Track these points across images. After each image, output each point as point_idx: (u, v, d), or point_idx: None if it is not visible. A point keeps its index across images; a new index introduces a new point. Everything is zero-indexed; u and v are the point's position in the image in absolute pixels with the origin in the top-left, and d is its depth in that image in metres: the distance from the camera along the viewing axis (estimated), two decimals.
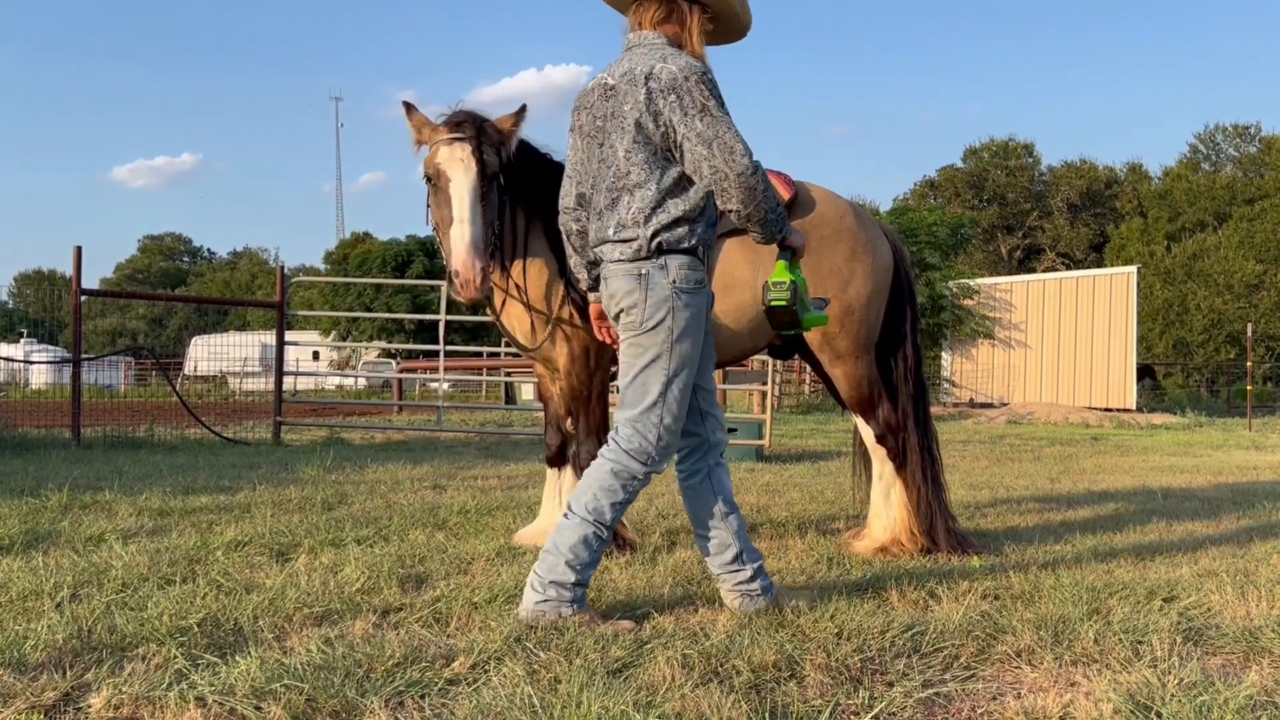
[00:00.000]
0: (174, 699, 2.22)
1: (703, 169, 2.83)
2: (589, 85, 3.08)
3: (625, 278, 2.90)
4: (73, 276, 9.23)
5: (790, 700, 2.29)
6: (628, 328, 2.92)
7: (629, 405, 2.93)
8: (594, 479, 2.93)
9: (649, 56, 2.91)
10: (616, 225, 2.92)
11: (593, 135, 3.03)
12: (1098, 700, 2.28)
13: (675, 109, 2.83)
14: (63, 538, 4.18)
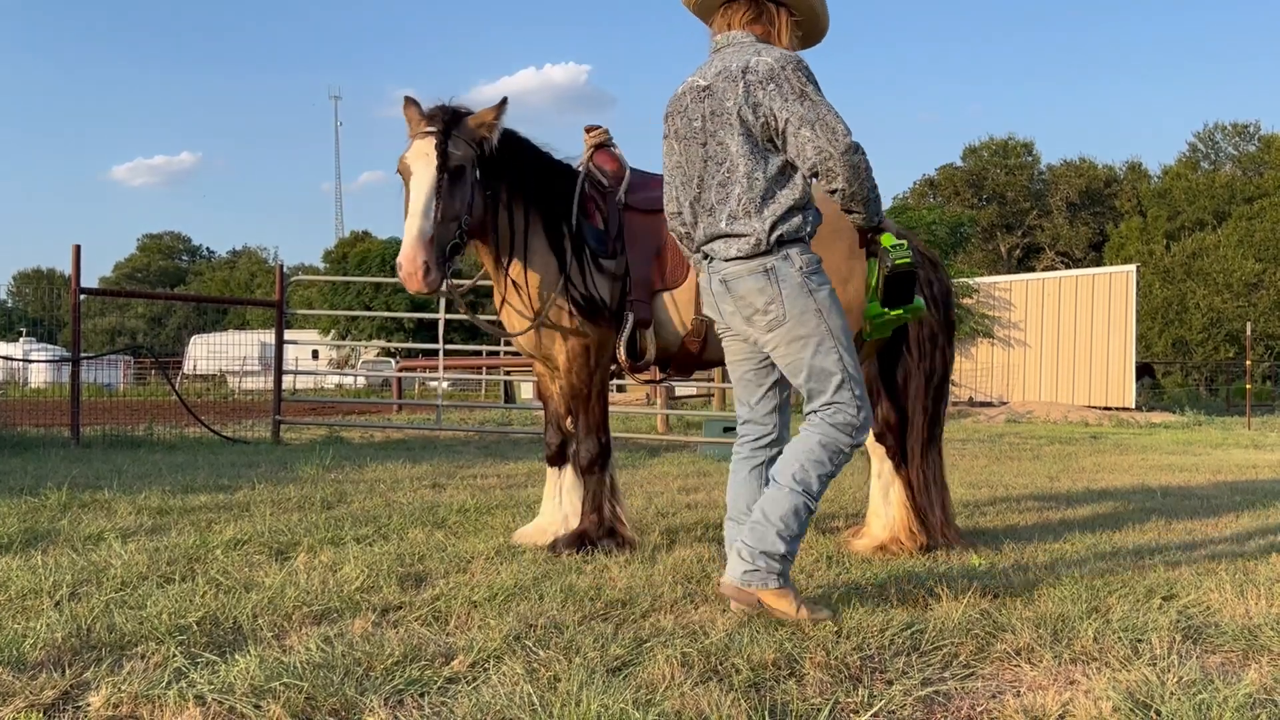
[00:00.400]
0: (173, 697, 2.22)
1: (806, 150, 2.85)
2: (679, 90, 3.12)
3: (753, 277, 2.92)
4: (71, 275, 9.23)
5: (790, 698, 2.29)
6: (772, 326, 2.93)
7: (819, 394, 2.95)
8: (801, 450, 2.93)
9: (742, 53, 2.96)
10: (728, 217, 2.94)
11: (690, 137, 3.05)
12: (1097, 698, 2.28)
13: (775, 96, 2.86)
14: (62, 536, 4.17)
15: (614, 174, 4.22)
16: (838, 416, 2.94)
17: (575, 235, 4.10)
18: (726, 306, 3.03)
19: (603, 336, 4.12)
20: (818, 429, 2.94)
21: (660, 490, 6.16)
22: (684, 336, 4.15)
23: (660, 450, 9.34)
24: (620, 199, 4.18)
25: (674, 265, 4.12)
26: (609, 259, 4.11)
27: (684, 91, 3.09)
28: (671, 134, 3.14)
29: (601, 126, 4.34)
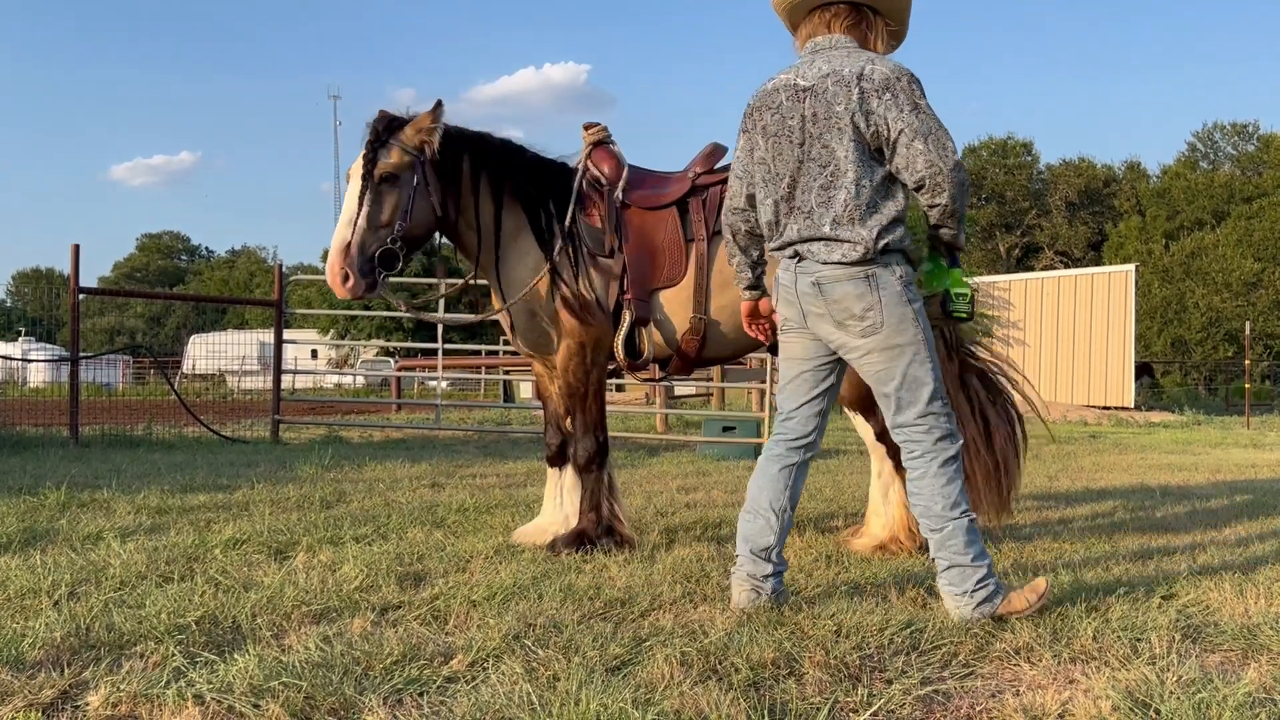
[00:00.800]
0: (172, 697, 2.22)
1: (917, 163, 2.87)
2: (771, 86, 3.10)
3: (853, 283, 2.92)
4: (70, 275, 9.22)
5: (789, 698, 2.29)
6: (868, 333, 2.94)
7: (908, 405, 2.98)
8: (932, 483, 2.96)
9: (853, 58, 2.96)
10: (832, 221, 2.93)
11: (784, 135, 3.03)
12: (1096, 698, 2.28)
13: (890, 106, 2.88)
14: (60, 536, 4.17)
15: (612, 172, 4.22)
16: (935, 432, 2.98)
17: (567, 232, 4.11)
18: (814, 308, 3.01)
19: (599, 335, 4.12)
20: (931, 454, 2.97)
21: (659, 490, 6.16)
22: (682, 335, 4.15)
23: (659, 450, 9.34)
24: (618, 197, 4.19)
25: (672, 263, 4.12)
26: (607, 258, 4.12)
27: (777, 88, 3.07)
28: (757, 129, 3.11)
29: (600, 124, 4.34)
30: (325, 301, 36.42)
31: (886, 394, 3.00)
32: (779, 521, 3.12)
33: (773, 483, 3.16)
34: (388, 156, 3.89)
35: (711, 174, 4.24)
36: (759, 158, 3.12)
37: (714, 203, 4.17)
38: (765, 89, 3.12)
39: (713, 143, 4.34)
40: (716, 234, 4.15)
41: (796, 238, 3.02)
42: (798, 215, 3.01)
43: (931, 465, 2.97)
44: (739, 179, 3.21)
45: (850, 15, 3.09)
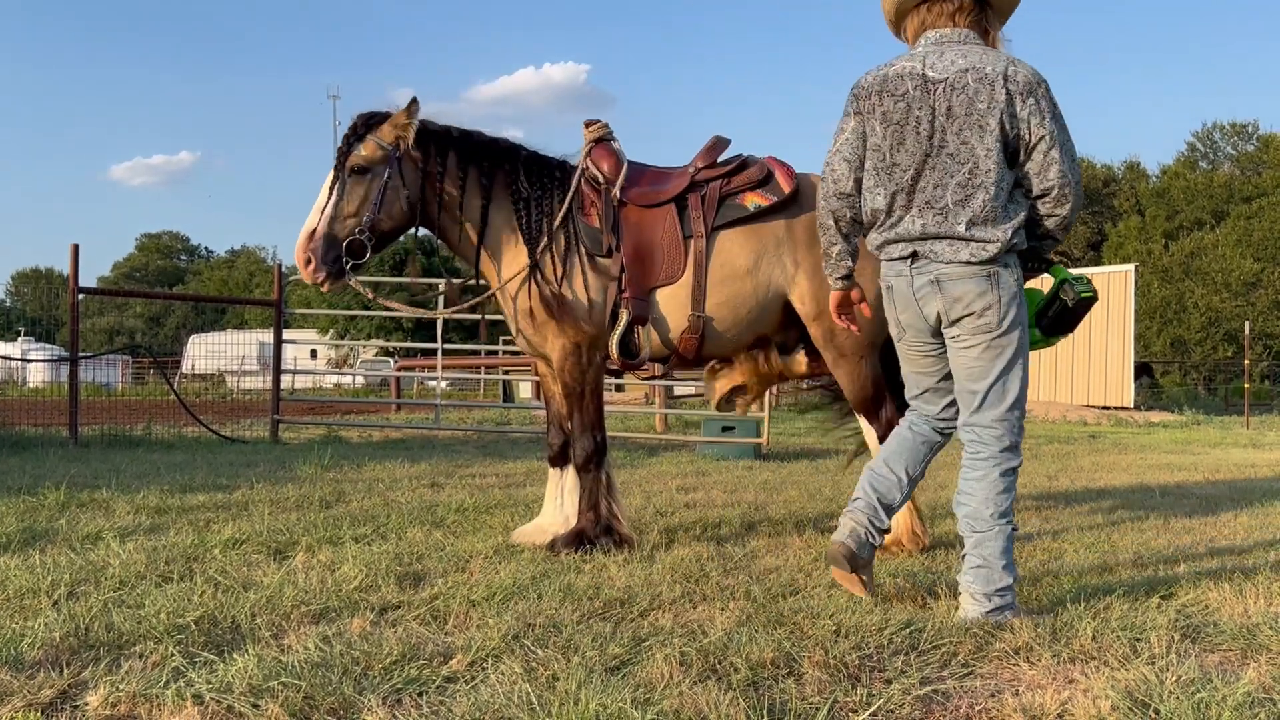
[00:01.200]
0: (171, 697, 2.22)
1: (1050, 171, 2.91)
2: (892, 72, 3.04)
3: (975, 280, 2.93)
4: (70, 275, 9.22)
5: (788, 697, 2.29)
6: (979, 330, 2.96)
7: (991, 406, 3.00)
8: (988, 488, 2.99)
9: (991, 56, 2.95)
10: (969, 221, 2.92)
11: (908, 125, 2.99)
12: (1096, 697, 2.28)
13: (1035, 111, 2.89)
14: (60, 536, 4.17)
15: (611, 170, 4.22)
16: (1005, 440, 3.00)
17: (566, 231, 4.11)
18: (932, 307, 3.02)
19: (595, 334, 4.12)
20: (995, 461, 3.00)
21: (659, 489, 6.16)
22: (680, 333, 4.15)
23: (659, 449, 9.34)
24: (616, 195, 4.18)
25: (670, 261, 4.12)
26: (605, 258, 4.12)
27: (901, 75, 3.01)
28: (875, 115, 3.05)
29: (601, 121, 4.33)
30: (325, 301, 36.42)
31: (974, 390, 3.02)
32: (908, 487, 3.19)
33: (913, 451, 3.20)
34: (361, 149, 4.02)
35: (713, 168, 4.24)
36: (873, 144, 3.07)
37: (713, 199, 4.17)
38: (885, 74, 3.06)
39: (715, 135, 4.34)
40: (715, 230, 4.15)
41: (919, 234, 2.99)
42: (926, 210, 2.98)
43: (993, 471, 3.00)
44: (847, 163, 3.13)
45: (974, 10, 3.08)
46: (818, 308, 4.14)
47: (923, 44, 3.06)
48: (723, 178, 4.21)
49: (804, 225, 4.17)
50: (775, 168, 4.23)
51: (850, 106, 3.14)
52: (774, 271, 4.16)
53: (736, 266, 4.14)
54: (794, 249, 4.16)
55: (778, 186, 4.17)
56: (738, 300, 4.14)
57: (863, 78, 3.13)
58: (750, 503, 5.65)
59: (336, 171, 4.03)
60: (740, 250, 4.14)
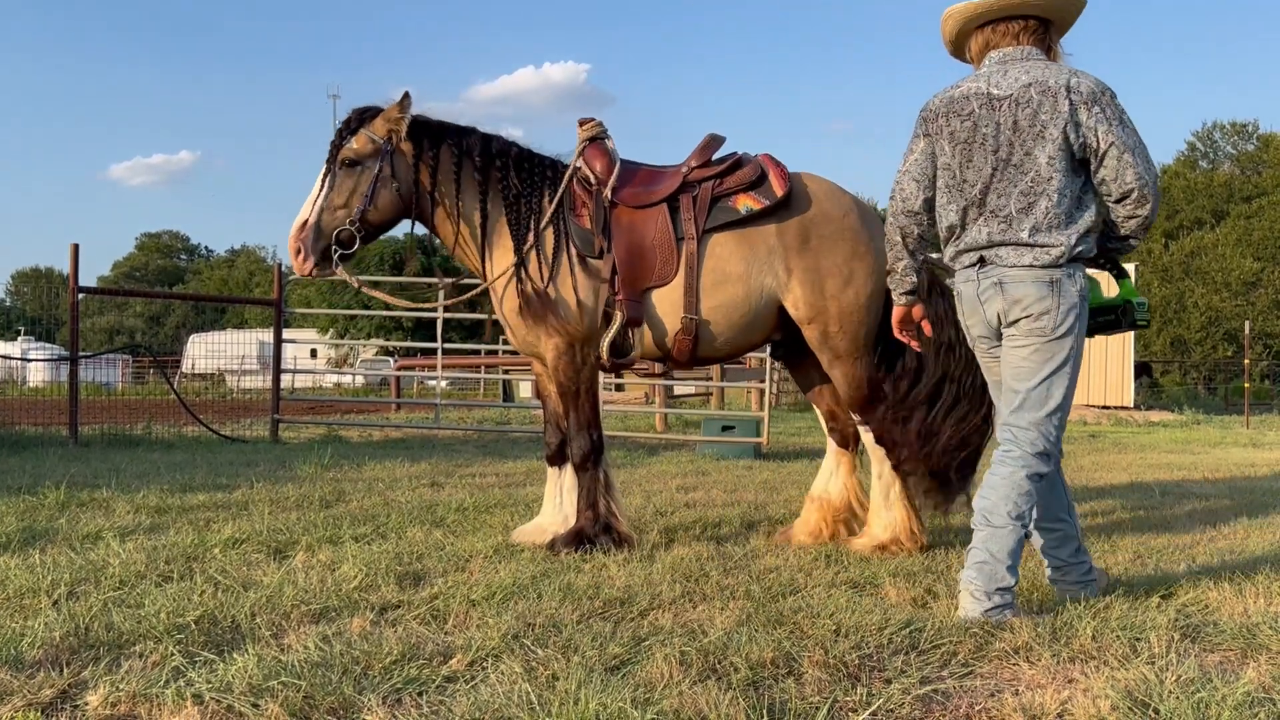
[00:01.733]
0: (171, 696, 2.22)
1: (1127, 175, 2.97)
2: (958, 94, 3.15)
3: (1035, 284, 3.00)
4: (70, 274, 9.22)
5: (788, 697, 2.29)
6: (1034, 333, 3.02)
7: (1030, 408, 3.05)
8: (1010, 487, 3.03)
9: (1054, 70, 3.04)
10: (1032, 228, 3.00)
11: (975, 142, 3.09)
12: (1095, 697, 2.28)
13: (1100, 119, 2.97)
14: (60, 535, 4.17)
15: (603, 170, 4.20)
16: (1039, 445, 3.06)
17: (557, 231, 4.11)
18: (993, 308, 3.09)
19: (588, 334, 4.11)
20: (1024, 463, 3.05)
21: (659, 489, 6.16)
22: (674, 335, 4.14)
23: (659, 449, 9.34)
24: (607, 196, 4.16)
25: (662, 262, 4.10)
26: (596, 259, 4.11)
27: (967, 96, 3.13)
28: (943, 135, 3.16)
29: (595, 119, 4.32)
30: (325, 301, 36.44)
31: (1016, 390, 3.07)
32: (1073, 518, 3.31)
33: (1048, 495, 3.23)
34: (352, 142, 4.08)
35: (706, 167, 4.22)
36: (944, 164, 3.18)
37: (705, 200, 4.15)
38: (951, 96, 3.18)
39: (710, 134, 4.32)
40: (708, 232, 4.13)
41: (985, 242, 3.08)
42: (991, 219, 3.07)
43: (1019, 472, 3.04)
44: (916, 182, 3.25)
45: (1038, 28, 3.17)
46: (811, 312, 4.14)
47: (987, 64, 3.17)
48: (715, 178, 4.19)
49: (796, 229, 4.15)
50: (770, 168, 4.20)
51: (919, 129, 3.26)
52: (766, 278, 4.14)
53: (728, 272, 4.12)
54: (785, 255, 4.14)
55: (770, 189, 4.14)
56: (731, 305, 4.13)
57: (930, 100, 3.25)
58: (750, 502, 5.65)
59: (328, 164, 4.09)
60: (732, 255, 4.12)
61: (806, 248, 4.14)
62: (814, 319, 4.15)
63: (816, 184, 4.29)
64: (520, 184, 4.18)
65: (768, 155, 4.28)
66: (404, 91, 4.07)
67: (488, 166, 4.19)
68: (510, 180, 4.17)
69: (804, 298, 4.14)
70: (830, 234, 4.18)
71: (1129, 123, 3.00)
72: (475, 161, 4.18)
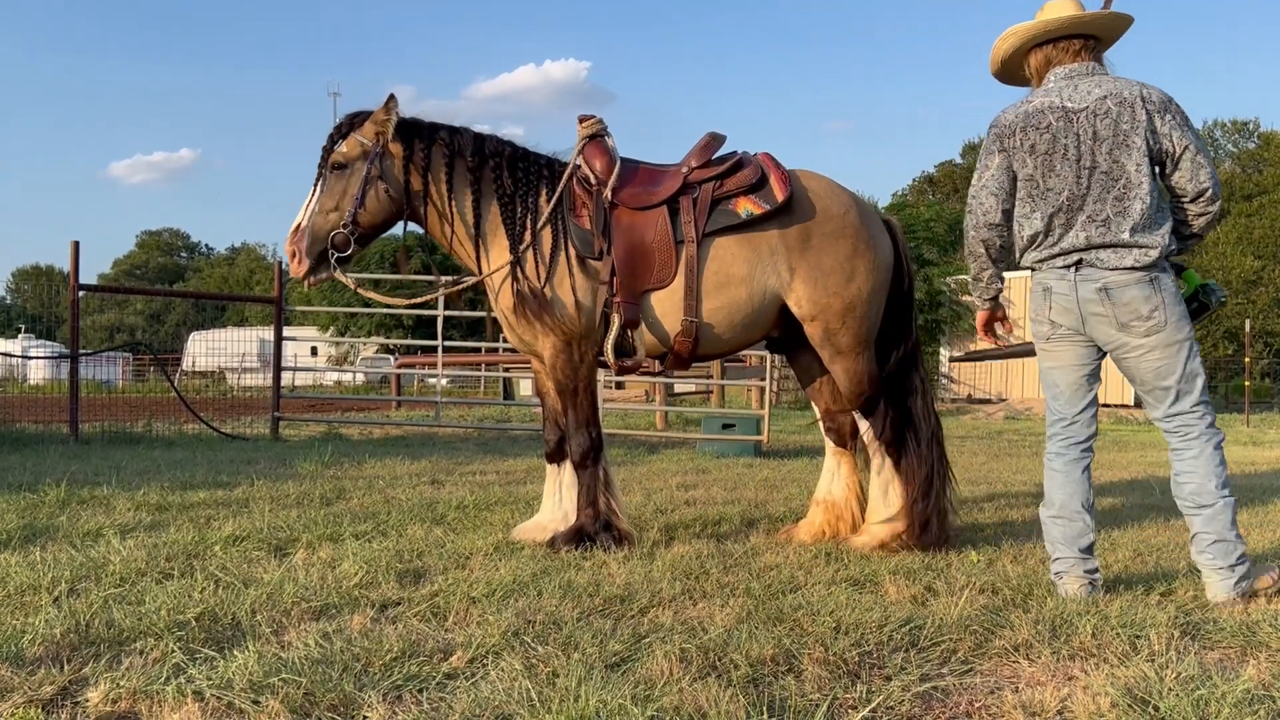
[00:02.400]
0: (171, 693, 2.22)
1: (1202, 174, 3.21)
2: (1032, 109, 3.32)
3: (1139, 286, 3.19)
4: (70, 272, 9.22)
5: (788, 694, 2.29)
6: (1152, 331, 3.19)
7: (1186, 395, 3.24)
8: (1206, 465, 3.21)
9: (1122, 83, 3.25)
10: (1131, 229, 3.19)
11: (1056, 153, 3.26)
12: (1095, 694, 2.28)
13: (1174, 125, 3.20)
14: (60, 533, 4.17)
15: (603, 169, 4.18)
16: (1207, 418, 3.24)
17: (555, 230, 4.10)
18: (1097, 311, 3.23)
19: (585, 332, 4.11)
20: (1210, 437, 3.23)
21: (659, 487, 6.16)
22: (674, 337, 4.13)
23: (659, 447, 9.34)
24: (607, 197, 4.14)
25: (661, 264, 4.09)
26: (595, 260, 4.10)
27: (1042, 111, 3.29)
28: (1023, 149, 3.33)
29: (595, 116, 4.30)
30: (325, 299, 36.43)
31: (1166, 387, 3.24)
32: (1092, 519, 3.34)
33: (1079, 485, 3.35)
34: (341, 146, 4.13)
35: (706, 168, 4.20)
36: (1025, 175, 3.34)
37: (705, 202, 4.13)
38: (1025, 111, 3.33)
39: (710, 132, 4.30)
40: (708, 235, 4.11)
41: (1084, 244, 3.24)
42: (1089, 224, 3.23)
43: (1207, 447, 3.21)
44: (994, 196, 3.42)
45: (1095, 46, 3.38)
46: (814, 309, 4.14)
47: (1052, 79, 3.35)
48: (716, 179, 4.16)
49: (798, 228, 4.14)
50: (771, 170, 4.17)
51: (994, 145, 3.42)
52: (769, 278, 4.13)
53: (731, 274, 4.11)
54: (788, 254, 4.13)
55: (771, 193, 4.12)
56: (733, 307, 4.12)
57: (1003, 116, 3.40)
58: (750, 500, 5.65)
59: (319, 169, 4.13)
60: (734, 258, 4.11)
61: (809, 246, 4.14)
62: (816, 316, 4.15)
63: (816, 182, 4.29)
64: (514, 183, 4.17)
65: (767, 155, 4.26)
66: (389, 94, 4.09)
67: (481, 166, 4.18)
68: (504, 180, 4.16)
69: (807, 296, 4.14)
70: (832, 232, 4.18)
71: (1194, 127, 3.24)
72: (468, 161, 4.17)
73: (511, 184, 4.16)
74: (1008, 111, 3.39)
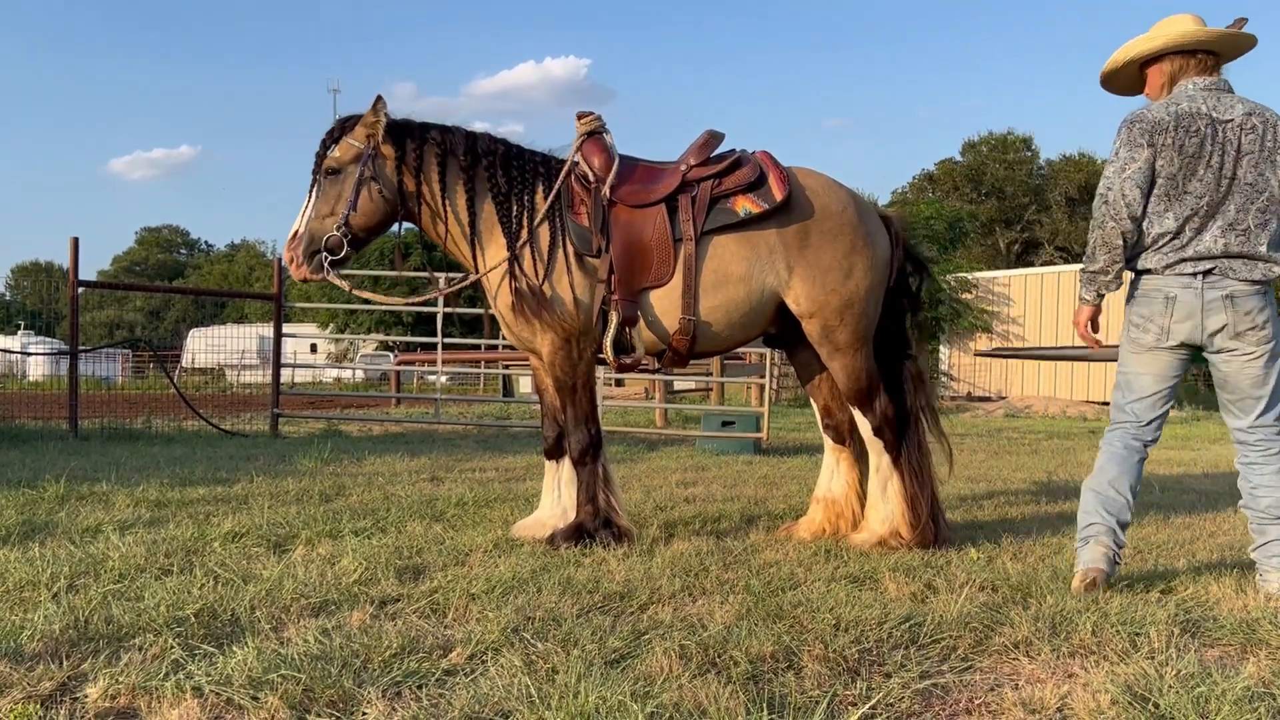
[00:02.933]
0: (170, 689, 2.22)
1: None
2: (1181, 112, 3.36)
3: (1257, 297, 3.31)
4: (70, 268, 9.21)
5: (788, 691, 2.29)
6: (1261, 341, 3.30)
7: (1270, 408, 3.33)
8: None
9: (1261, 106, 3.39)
10: (1269, 243, 3.31)
11: (1202, 159, 3.32)
12: (1095, 691, 2.28)
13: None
14: (60, 529, 4.17)
15: (602, 166, 4.16)
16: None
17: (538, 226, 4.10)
18: (1217, 318, 3.30)
19: (584, 329, 4.10)
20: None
21: (658, 484, 6.16)
22: (672, 334, 4.13)
23: (658, 445, 9.34)
24: (605, 194, 4.12)
25: (660, 262, 4.07)
26: (594, 258, 4.09)
27: (1192, 114, 3.35)
28: (1171, 147, 3.34)
29: (594, 113, 4.28)
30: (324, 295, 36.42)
31: (1259, 396, 3.34)
32: (1133, 506, 3.41)
33: (1133, 471, 3.43)
34: (334, 151, 4.16)
35: (705, 166, 4.18)
36: (1167, 174, 3.36)
37: (703, 201, 4.11)
38: (1176, 112, 3.36)
39: (708, 130, 4.28)
40: (707, 234, 4.09)
41: (1220, 252, 3.30)
42: (1228, 232, 3.31)
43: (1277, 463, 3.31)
44: (1139, 189, 3.41)
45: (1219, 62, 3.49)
46: (813, 307, 4.14)
47: (1190, 88, 3.41)
48: (714, 177, 4.14)
49: (797, 226, 4.13)
50: (769, 169, 4.15)
51: (1143, 139, 3.40)
52: (768, 276, 4.13)
53: (730, 272, 4.10)
54: (786, 252, 4.12)
55: (770, 192, 4.10)
56: (731, 305, 4.12)
57: (1150, 113, 3.41)
58: (750, 497, 5.65)
59: (314, 174, 4.17)
60: (733, 256, 4.10)
61: (807, 244, 4.13)
62: (815, 314, 4.15)
63: (814, 179, 4.28)
64: (509, 181, 4.16)
65: (766, 153, 4.24)
66: (376, 95, 4.11)
67: (474, 165, 4.17)
68: (498, 178, 4.16)
69: (805, 293, 4.13)
70: (830, 229, 4.17)
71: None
72: (460, 160, 4.17)
73: (506, 182, 4.16)
74: (1154, 109, 3.41)
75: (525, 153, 4.27)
